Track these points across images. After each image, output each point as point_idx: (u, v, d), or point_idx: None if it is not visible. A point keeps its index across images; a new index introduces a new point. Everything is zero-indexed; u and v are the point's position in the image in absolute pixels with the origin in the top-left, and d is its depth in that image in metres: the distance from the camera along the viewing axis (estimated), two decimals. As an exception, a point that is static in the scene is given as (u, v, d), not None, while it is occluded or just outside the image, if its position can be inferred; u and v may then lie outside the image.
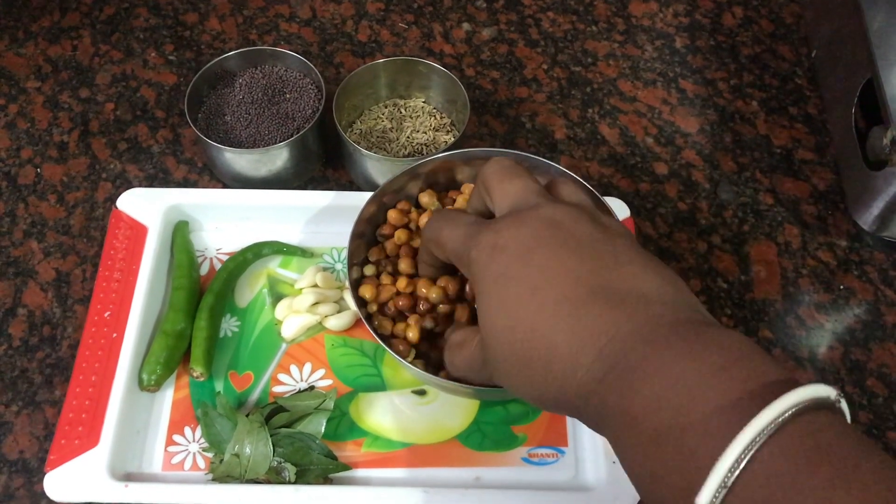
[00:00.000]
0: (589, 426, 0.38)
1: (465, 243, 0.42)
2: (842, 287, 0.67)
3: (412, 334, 0.53)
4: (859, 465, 0.28)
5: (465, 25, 0.83)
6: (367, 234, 0.59)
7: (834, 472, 0.28)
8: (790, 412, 0.29)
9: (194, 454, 0.58)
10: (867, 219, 0.65)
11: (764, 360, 0.33)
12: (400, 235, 0.58)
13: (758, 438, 0.29)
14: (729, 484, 0.29)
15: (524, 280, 0.38)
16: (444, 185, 0.61)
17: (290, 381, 0.61)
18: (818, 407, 0.30)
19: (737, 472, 0.29)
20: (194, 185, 0.71)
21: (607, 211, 0.51)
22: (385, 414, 0.59)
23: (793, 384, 0.31)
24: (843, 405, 0.32)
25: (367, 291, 0.56)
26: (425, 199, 0.59)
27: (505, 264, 0.39)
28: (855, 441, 0.29)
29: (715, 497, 0.29)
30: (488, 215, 0.47)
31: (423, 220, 0.57)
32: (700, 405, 0.31)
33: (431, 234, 0.47)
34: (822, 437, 0.29)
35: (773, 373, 0.32)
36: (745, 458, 0.29)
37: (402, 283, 0.55)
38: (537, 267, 0.38)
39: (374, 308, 0.56)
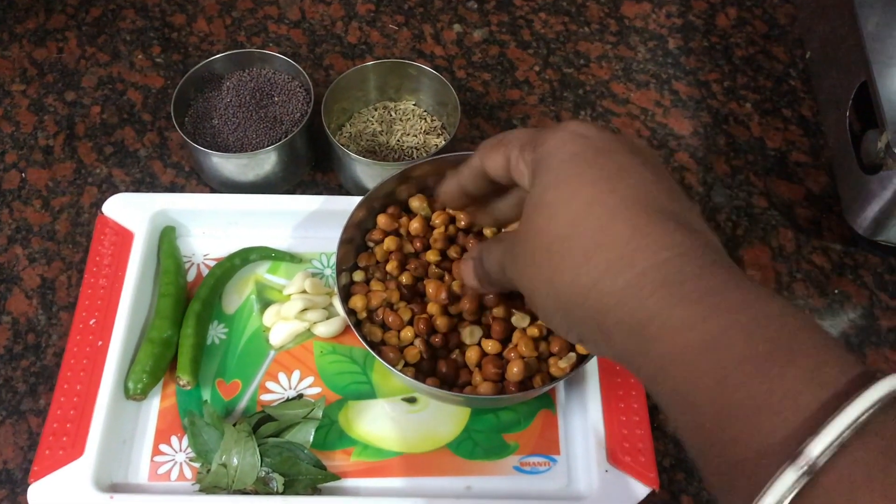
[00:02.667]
0: (600, 348, 0.36)
1: (536, 132, 0.40)
2: (836, 291, 0.66)
3: (411, 356, 0.53)
4: None
5: (457, 27, 0.82)
6: (357, 240, 0.58)
7: None
8: (878, 405, 0.28)
9: (181, 464, 0.57)
10: (862, 223, 0.64)
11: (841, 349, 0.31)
12: (389, 242, 0.57)
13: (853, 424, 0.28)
14: (845, 441, 0.27)
15: (602, 166, 0.36)
16: (434, 189, 0.60)
17: (279, 389, 0.60)
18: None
19: (849, 433, 0.27)
20: (181, 189, 0.70)
21: None
22: (375, 422, 0.58)
23: (873, 375, 0.29)
24: None
25: (356, 298, 0.55)
26: (415, 203, 0.58)
27: (583, 147, 0.37)
28: None
29: (825, 451, 0.27)
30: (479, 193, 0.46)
31: (414, 225, 0.57)
32: (802, 351, 0.30)
33: (490, 141, 0.43)
34: None
35: (855, 363, 0.30)
36: (860, 420, 0.27)
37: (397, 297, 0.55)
38: (618, 162, 0.37)
39: (363, 315, 0.55)
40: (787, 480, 0.28)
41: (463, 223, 0.56)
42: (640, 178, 0.36)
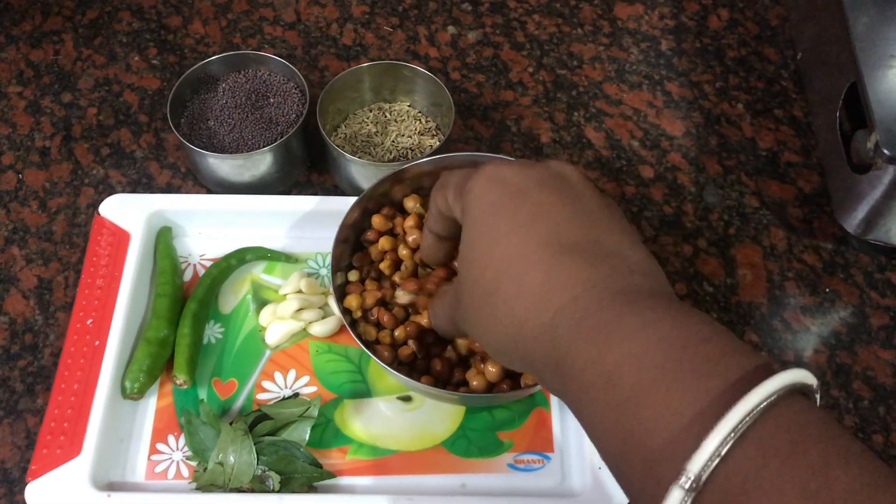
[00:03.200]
0: (540, 380, 0.38)
1: (467, 175, 0.42)
2: (827, 290, 0.67)
3: (406, 355, 0.54)
4: (851, 445, 0.28)
5: (451, 28, 0.82)
6: (352, 240, 0.59)
7: (829, 450, 0.28)
8: (776, 395, 0.29)
9: (178, 462, 0.57)
10: (852, 222, 0.65)
11: (743, 344, 0.32)
12: (384, 242, 0.57)
13: (752, 413, 0.28)
14: (722, 454, 0.28)
15: (515, 214, 0.38)
16: (428, 189, 0.60)
17: (275, 388, 0.60)
18: (795, 392, 0.30)
19: (730, 444, 0.28)
20: (178, 190, 0.71)
21: None
22: (370, 420, 0.59)
23: (771, 369, 0.30)
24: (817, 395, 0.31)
25: (351, 298, 0.56)
26: (410, 203, 0.59)
27: (500, 194, 0.39)
28: (840, 426, 0.29)
29: (706, 466, 0.28)
30: (450, 235, 0.48)
31: (409, 224, 0.57)
32: (687, 368, 0.31)
33: (438, 184, 0.46)
34: (810, 417, 0.29)
35: (755, 356, 0.31)
36: (740, 428, 0.28)
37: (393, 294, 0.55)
38: (532, 204, 0.38)
39: (358, 314, 0.56)
40: (675, 500, 0.29)
41: None
42: (554, 218, 0.38)
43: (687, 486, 0.28)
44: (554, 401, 0.60)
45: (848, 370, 0.63)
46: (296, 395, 0.60)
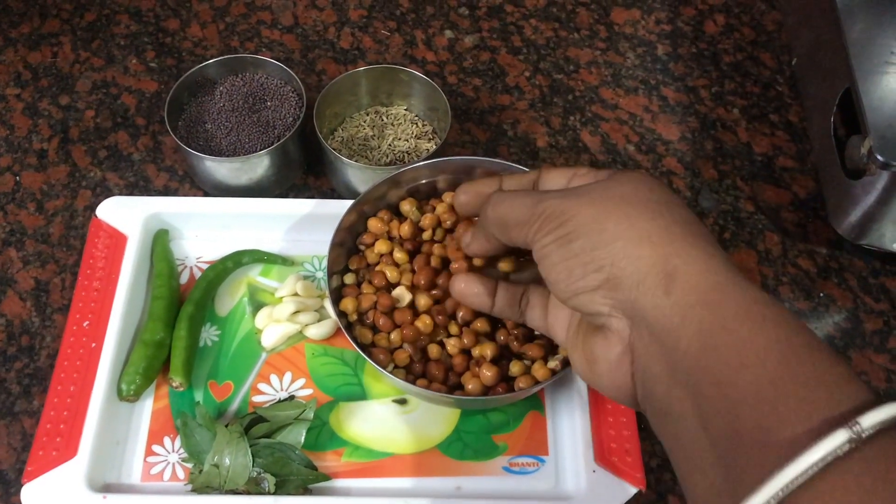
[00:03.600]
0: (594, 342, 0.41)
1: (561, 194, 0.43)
2: (822, 294, 0.67)
3: (401, 358, 0.54)
4: None
5: (448, 33, 0.83)
6: (348, 243, 0.59)
7: None
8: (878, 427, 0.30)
9: (174, 465, 0.57)
10: (846, 227, 0.65)
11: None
12: (380, 245, 0.58)
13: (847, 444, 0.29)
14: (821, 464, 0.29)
15: (644, 203, 0.40)
16: (424, 193, 0.60)
17: (270, 390, 0.60)
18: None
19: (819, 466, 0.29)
20: (175, 193, 0.71)
21: None
22: (365, 423, 0.59)
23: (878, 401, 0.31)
24: None
25: (347, 301, 0.56)
26: (406, 207, 0.59)
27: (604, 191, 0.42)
28: None
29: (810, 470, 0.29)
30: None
31: (405, 228, 0.57)
32: (795, 377, 0.32)
33: (495, 211, 0.46)
34: None
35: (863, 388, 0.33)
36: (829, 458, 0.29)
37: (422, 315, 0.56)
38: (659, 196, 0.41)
39: (354, 317, 0.56)
40: (836, 440, 0.29)
41: (448, 224, 0.57)
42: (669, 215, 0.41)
43: (852, 435, 0.29)
44: (548, 404, 0.60)
45: (842, 374, 0.63)
46: (291, 397, 0.60)
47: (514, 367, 0.53)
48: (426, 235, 0.57)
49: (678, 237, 0.38)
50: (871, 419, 0.30)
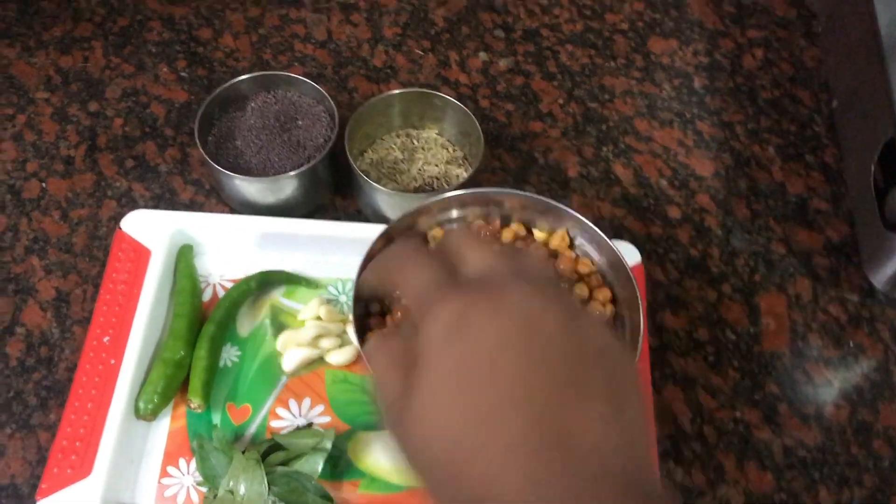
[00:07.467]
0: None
1: (431, 297, 0.34)
2: (851, 344, 0.66)
3: None
4: None
5: (482, 55, 0.82)
6: (374, 272, 0.58)
7: None
8: None
9: (188, 488, 0.57)
10: (881, 278, 0.64)
11: None
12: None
13: None
14: None
15: (482, 391, 0.31)
16: (455, 221, 0.60)
17: (289, 415, 0.60)
18: None
19: None
20: (201, 207, 0.70)
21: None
22: (383, 454, 0.58)
23: None
24: None
25: (372, 330, 0.55)
26: (436, 235, 0.58)
27: (462, 356, 0.32)
28: None
29: None
30: None
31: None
32: None
33: (387, 272, 0.39)
34: None
35: None
36: None
37: None
38: (504, 376, 0.32)
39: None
40: None
41: None
42: (526, 393, 0.31)
43: None
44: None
45: (869, 428, 0.62)
46: (310, 424, 0.59)
47: None
48: None
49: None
50: None
